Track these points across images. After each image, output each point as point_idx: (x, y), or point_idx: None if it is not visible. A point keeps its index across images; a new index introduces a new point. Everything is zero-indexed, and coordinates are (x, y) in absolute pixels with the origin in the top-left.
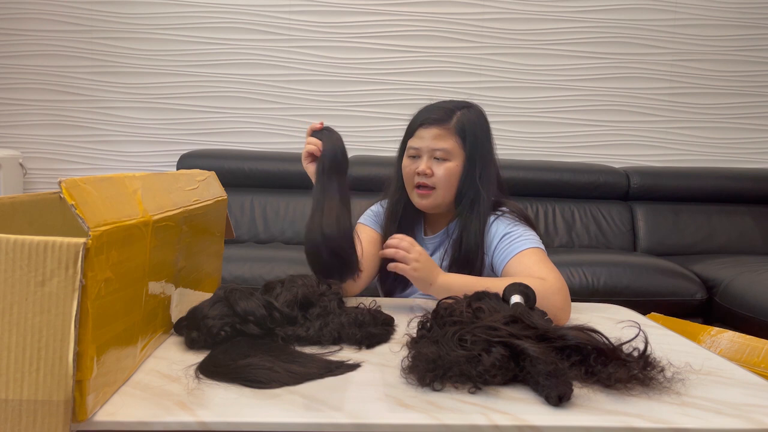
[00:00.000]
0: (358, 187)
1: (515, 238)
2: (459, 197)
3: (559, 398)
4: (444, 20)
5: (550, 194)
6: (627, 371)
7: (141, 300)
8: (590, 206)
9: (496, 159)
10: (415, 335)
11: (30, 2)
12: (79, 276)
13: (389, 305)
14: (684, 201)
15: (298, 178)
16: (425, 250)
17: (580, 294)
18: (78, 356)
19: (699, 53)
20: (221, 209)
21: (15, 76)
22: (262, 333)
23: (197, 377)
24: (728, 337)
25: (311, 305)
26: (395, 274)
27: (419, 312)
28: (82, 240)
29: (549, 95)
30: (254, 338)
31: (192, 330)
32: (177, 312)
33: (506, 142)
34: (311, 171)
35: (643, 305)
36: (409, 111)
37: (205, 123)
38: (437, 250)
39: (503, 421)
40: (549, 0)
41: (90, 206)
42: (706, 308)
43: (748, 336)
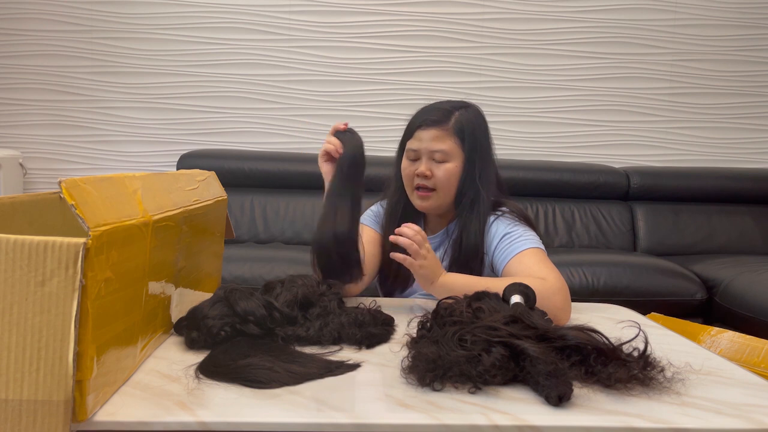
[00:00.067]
0: None
1: (515, 239)
2: (459, 197)
3: (559, 398)
4: (444, 20)
5: (550, 194)
6: (627, 371)
7: (141, 300)
8: (590, 206)
9: (495, 158)
10: (415, 335)
11: (30, 2)
12: (79, 276)
13: (389, 305)
14: (684, 201)
15: (298, 178)
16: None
17: (580, 294)
18: (78, 356)
19: (699, 53)
20: (221, 209)
21: (15, 76)
22: (262, 333)
23: (197, 377)
24: (728, 337)
25: (311, 305)
26: (395, 275)
27: (419, 312)
28: (82, 240)
29: (549, 95)
30: (254, 338)
31: (192, 330)
32: (177, 312)
33: (506, 142)
34: (325, 170)
35: (643, 305)
36: (409, 111)
37: (205, 123)
38: (437, 250)
39: (503, 421)
40: (549, 0)
41: (90, 206)
42: (706, 308)
43: (748, 336)
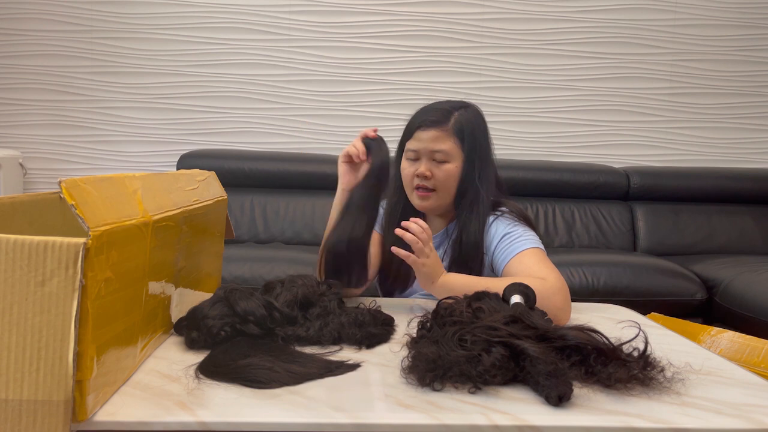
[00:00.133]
0: None
1: (515, 239)
2: (458, 198)
3: (559, 398)
4: (444, 20)
5: (550, 194)
6: (627, 371)
7: (141, 300)
8: (590, 206)
9: (495, 158)
10: (415, 335)
11: (30, 2)
12: (79, 276)
13: (389, 305)
14: (684, 201)
15: (298, 178)
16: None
17: (580, 294)
18: (78, 356)
19: (699, 53)
20: (221, 209)
21: (15, 76)
22: (262, 333)
23: (197, 377)
24: (728, 337)
25: (311, 305)
26: (395, 275)
27: (419, 312)
28: (82, 240)
29: (549, 95)
30: (254, 338)
31: (192, 330)
32: (177, 312)
33: (506, 142)
34: (343, 170)
35: (643, 305)
36: (409, 111)
37: (205, 123)
38: (437, 250)
39: (503, 421)
40: (549, 0)
41: (90, 206)
42: (706, 308)
43: (748, 336)
